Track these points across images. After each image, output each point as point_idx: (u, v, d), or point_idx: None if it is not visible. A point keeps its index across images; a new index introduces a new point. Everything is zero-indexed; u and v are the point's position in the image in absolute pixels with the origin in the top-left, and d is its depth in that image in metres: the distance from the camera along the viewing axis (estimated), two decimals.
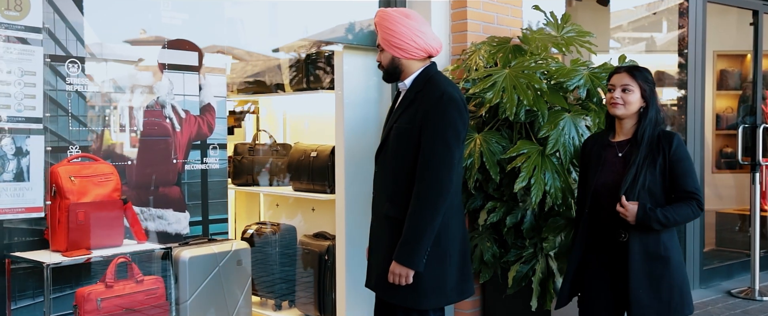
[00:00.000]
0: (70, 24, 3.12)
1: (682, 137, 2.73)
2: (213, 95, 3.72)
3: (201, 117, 3.67)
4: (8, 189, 2.34)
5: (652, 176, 2.66)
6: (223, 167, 3.76)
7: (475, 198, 3.19)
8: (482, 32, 3.61)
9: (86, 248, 2.86)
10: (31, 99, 2.43)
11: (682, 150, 2.69)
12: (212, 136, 3.71)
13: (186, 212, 3.59)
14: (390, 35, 2.66)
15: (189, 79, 3.60)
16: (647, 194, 2.65)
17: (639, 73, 2.73)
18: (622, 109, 2.70)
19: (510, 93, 2.83)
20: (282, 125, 5.03)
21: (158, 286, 2.89)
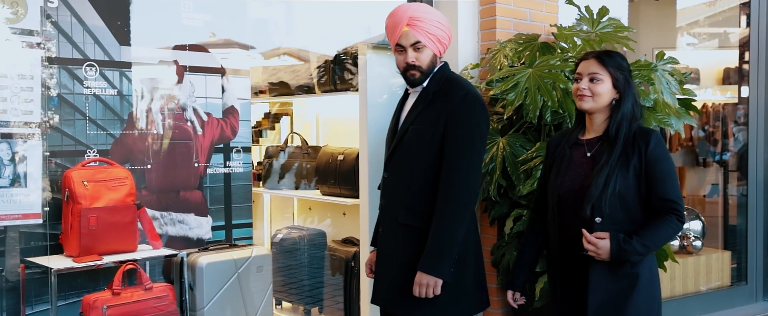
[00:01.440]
0: (87, 27, 3.09)
1: (660, 135, 2.36)
2: (237, 98, 3.65)
3: (224, 120, 3.61)
4: (5, 195, 2.30)
5: (625, 179, 2.28)
6: (247, 171, 3.69)
7: (501, 205, 3.00)
8: (513, 29, 3.42)
9: (98, 253, 2.82)
10: (29, 103, 2.39)
11: (661, 150, 2.31)
12: (236, 140, 3.64)
13: (208, 217, 3.53)
14: (440, 29, 2.49)
15: (211, 82, 3.54)
16: (618, 201, 2.28)
17: (610, 60, 2.34)
18: (590, 103, 2.34)
19: (533, 94, 2.64)
20: (315, 127, 4.95)
21: (168, 293, 2.82)
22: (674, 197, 2.29)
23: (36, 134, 2.41)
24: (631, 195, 2.30)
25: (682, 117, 2.97)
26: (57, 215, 2.93)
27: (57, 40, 2.99)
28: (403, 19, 2.47)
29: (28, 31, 2.82)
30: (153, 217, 3.30)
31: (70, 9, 3.04)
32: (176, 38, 3.43)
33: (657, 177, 2.29)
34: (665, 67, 2.92)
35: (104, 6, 3.14)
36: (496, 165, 2.83)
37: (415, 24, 2.46)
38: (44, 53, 2.90)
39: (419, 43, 2.47)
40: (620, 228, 2.28)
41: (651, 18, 6.97)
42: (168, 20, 3.39)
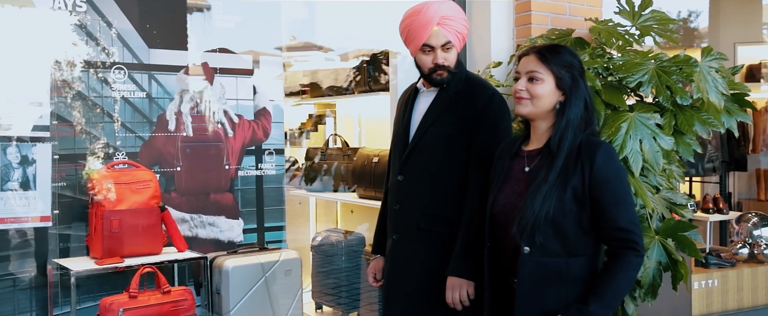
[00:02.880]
0: (117, 30, 3.11)
1: (611, 148, 1.94)
2: (269, 99, 3.61)
3: (255, 122, 3.58)
4: (14, 198, 2.33)
5: (560, 203, 1.89)
6: (279, 173, 3.65)
7: None
8: (550, 25, 3.25)
9: (121, 255, 2.83)
10: (38, 107, 2.40)
11: (610, 167, 1.89)
12: (268, 142, 3.61)
13: (239, 219, 3.50)
14: (466, 28, 2.40)
15: (242, 84, 3.51)
16: (551, 228, 1.89)
17: (553, 55, 1.96)
18: (528, 106, 1.98)
19: None
20: (357, 129, 4.88)
21: (186, 297, 2.80)
22: (627, 225, 1.88)
23: (46, 138, 2.43)
24: (569, 222, 1.90)
25: (735, 114, 2.74)
26: (83, 216, 2.96)
27: (85, 43, 3.02)
28: (434, 19, 2.34)
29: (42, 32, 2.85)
30: (183, 219, 3.30)
31: (98, 12, 3.07)
32: (210, 41, 3.42)
33: (605, 201, 1.89)
34: (711, 63, 2.69)
35: (132, 8, 3.15)
36: None
37: (446, 23, 2.35)
38: (66, 56, 2.94)
39: (449, 43, 2.37)
40: (554, 262, 1.92)
41: (733, 12, 6.59)
42: (199, 22, 3.38)
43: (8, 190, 2.30)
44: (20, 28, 2.81)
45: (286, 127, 5.64)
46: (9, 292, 2.82)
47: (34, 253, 2.85)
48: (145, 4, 3.19)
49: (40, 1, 2.89)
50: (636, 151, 2.43)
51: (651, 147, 2.45)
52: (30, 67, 2.81)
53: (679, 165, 2.89)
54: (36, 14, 2.86)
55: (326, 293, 4.35)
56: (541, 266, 1.93)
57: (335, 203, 4.90)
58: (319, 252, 4.36)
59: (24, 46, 2.82)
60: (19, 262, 2.81)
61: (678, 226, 2.63)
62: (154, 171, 3.18)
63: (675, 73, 2.54)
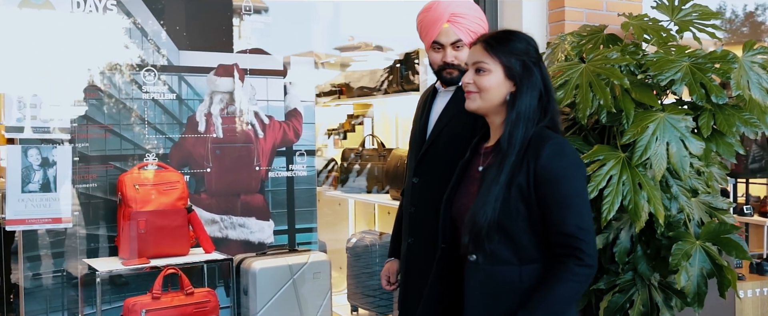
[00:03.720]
0: (146, 33, 3.14)
1: (563, 142, 1.74)
2: (300, 100, 3.59)
3: (286, 123, 3.56)
4: (34, 200, 2.36)
5: (506, 204, 1.70)
6: (311, 175, 3.62)
7: None
8: (586, 21, 3.12)
9: (148, 256, 2.85)
10: (56, 108, 2.44)
11: (558, 164, 1.69)
12: (299, 143, 3.59)
13: (270, 221, 3.49)
14: (481, 26, 2.29)
15: (273, 84, 3.50)
16: (500, 234, 1.71)
17: (500, 44, 1.78)
18: (476, 101, 1.82)
19: (584, 91, 2.36)
20: (395, 129, 4.82)
21: (209, 299, 2.80)
22: (572, 230, 1.66)
23: (66, 140, 2.47)
24: (518, 227, 1.71)
25: None
26: (114, 217, 3.00)
27: (116, 45, 3.06)
28: (443, 15, 2.27)
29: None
30: (213, 220, 3.31)
31: (128, 13, 3.10)
32: (239, 42, 3.42)
33: (549, 202, 1.68)
34: (754, 58, 2.53)
35: (162, 10, 3.18)
36: None
37: (456, 21, 2.26)
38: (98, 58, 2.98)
39: (460, 41, 2.27)
40: (506, 271, 1.74)
41: None
42: (228, 22, 3.39)
43: (29, 191, 2.34)
44: (54, 30, 2.86)
45: (325, 127, 5.65)
46: (40, 291, 2.87)
47: (63, 253, 2.90)
48: (179, 6, 3.22)
49: (72, 3, 2.94)
50: (661, 154, 2.29)
51: (678, 151, 2.31)
52: (60, 69, 2.86)
53: (721, 167, 2.73)
54: (67, 17, 2.91)
55: (362, 296, 4.31)
56: (491, 276, 1.75)
57: (373, 204, 4.86)
58: (353, 254, 4.32)
59: (56, 49, 2.87)
60: (49, 262, 2.86)
61: (720, 229, 2.47)
62: (184, 172, 3.20)
63: (710, 70, 2.39)
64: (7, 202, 2.32)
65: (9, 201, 2.32)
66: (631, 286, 2.66)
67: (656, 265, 2.58)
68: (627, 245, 2.58)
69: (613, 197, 2.31)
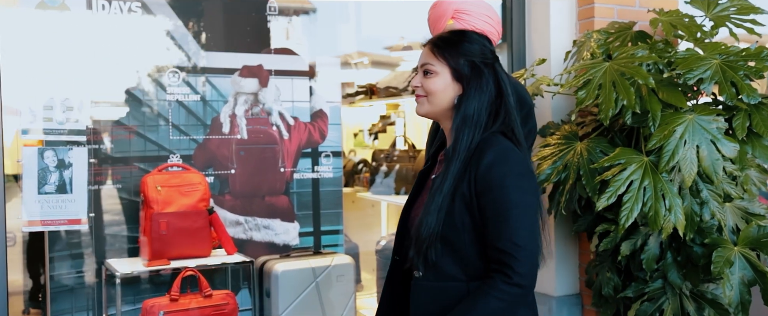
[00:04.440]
0: (170, 34, 3.15)
1: (508, 148, 1.62)
2: (325, 101, 3.56)
3: (312, 124, 3.53)
4: (50, 201, 2.38)
5: (450, 215, 1.60)
6: (337, 176, 3.58)
7: (584, 219, 2.62)
8: (616, 17, 3.00)
9: (169, 258, 2.85)
10: (73, 111, 2.45)
11: (499, 172, 1.57)
12: (325, 144, 3.55)
13: (295, 223, 3.46)
14: (489, 24, 2.23)
15: (298, 85, 3.48)
16: (446, 248, 1.61)
17: (448, 45, 1.68)
18: (424, 105, 1.72)
19: (607, 91, 2.25)
20: (427, 130, 4.73)
21: (228, 301, 2.78)
22: (506, 245, 1.53)
23: (82, 142, 2.48)
24: (463, 239, 1.60)
25: None
26: (137, 218, 3.01)
27: (141, 46, 3.07)
28: (447, 12, 2.24)
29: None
30: (237, 222, 3.30)
31: (152, 15, 3.10)
32: (263, 42, 3.41)
33: (488, 213, 1.57)
34: None
35: (187, 11, 3.18)
36: (570, 173, 2.46)
37: (460, 17, 2.22)
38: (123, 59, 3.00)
39: None
40: (453, 288, 1.63)
41: None
42: (253, 24, 3.37)
43: (45, 193, 2.36)
44: (81, 32, 2.89)
45: (357, 128, 5.61)
46: (65, 290, 2.90)
47: (88, 253, 2.92)
48: (203, 7, 3.21)
49: (96, 5, 2.96)
50: (691, 158, 2.17)
51: (710, 154, 2.18)
52: (83, 72, 2.88)
53: (760, 170, 2.59)
54: (89, 19, 2.93)
55: None
56: (437, 293, 1.64)
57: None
58: (383, 257, 4.27)
59: (81, 50, 2.89)
60: (74, 262, 2.88)
61: (761, 233, 2.34)
62: (209, 174, 3.20)
63: (743, 68, 2.26)
64: (24, 203, 2.34)
65: (26, 203, 2.34)
66: (661, 294, 2.55)
67: (687, 273, 2.46)
68: (656, 252, 2.47)
69: (633, 203, 2.20)
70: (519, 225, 1.55)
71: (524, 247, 1.54)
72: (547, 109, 3.01)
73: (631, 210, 2.20)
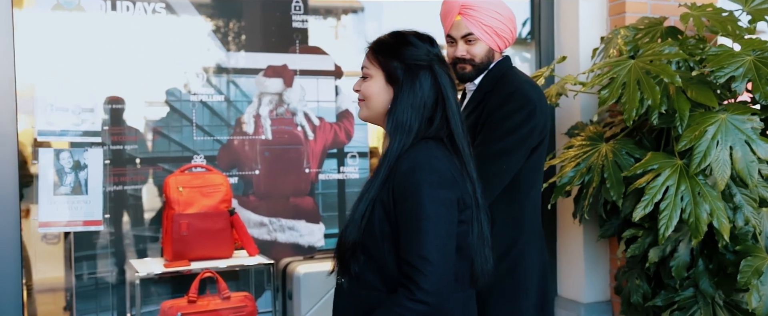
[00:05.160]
0: (195, 35, 3.14)
1: (426, 155, 1.53)
2: (352, 100, 3.51)
3: (337, 124, 3.49)
4: (67, 202, 2.39)
5: (370, 223, 1.54)
6: (363, 177, 3.53)
7: (610, 224, 2.50)
8: (650, 13, 2.86)
9: (190, 259, 2.84)
10: (89, 113, 2.46)
11: (416, 180, 1.49)
12: (351, 144, 3.51)
13: (320, 224, 3.43)
14: (498, 21, 2.16)
15: (324, 85, 3.44)
16: (365, 256, 1.56)
17: (383, 49, 1.61)
18: (363, 110, 1.69)
19: (631, 90, 2.13)
20: None
21: (246, 304, 2.76)
22: (413, 259, 1.46)
23: (97, 143, 2.49)
24: (382, 248, 1.53)
25: None
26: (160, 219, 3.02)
27: (165, 46, 3.07)
28: (454, 7, 2.17)
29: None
30: (261, 223, 3.28)
31: (176, 15, 3.10)
32: (288, 42, 3.38)
33: (400, 222, 1.50)
34: None
35: (211, 11, 3.17)
36: (594, 176, 2.35)
37: (467, 13, 2.15)
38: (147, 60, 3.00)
39: (471, 35, 2.16)
40: (371, 297, 1.57)
41: None
42: (278, 23, 3.34)
43: (61, 194, 2.38)
44: (105, 33, 2.90)
45: None
46: (90, 290, 2.93)
47: (113, 254, 2.94)
48: (228, 7, 3.20)
49: (121, 5, 2.97)
50: (723, 160, 2.04)
51: (744, 155, 2.05)
52: (106, 72, 2.90)
53: None
54: (114, 18, 2.93)
55: None
56: (356, 301, 1.59)
57: None
58: None
59: (104, 51, 2.91)
60: (98, 262, 2.91)
61: None
62: (233, 174, 3.18)
63: None
64: (40, 204, 2.36)
65: (41, 204, 2.36)
66: (692, 303, 2.42)
67: (720, 282, 2.33)
68: (686, 259, 2.35)
69: (671, 210, 2.08)
70: (428, 238, 1.47)
71: (432, 262, 1.46)
72: (576, 109, 2.90)
73: (670, 218, 2.08)
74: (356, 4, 3.60)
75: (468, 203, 1.58)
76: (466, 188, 1.58)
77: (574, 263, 2.99)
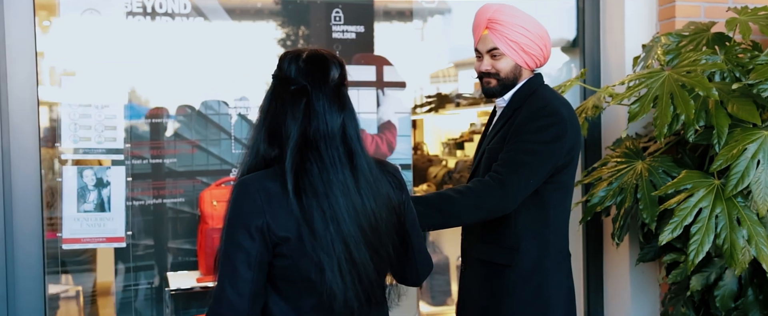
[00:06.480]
0: (231, 43, 3.14)
1: (239, 185, 1.51)
2: (394, 111, 3.43)
3: (379, 136, 3.41)
4: (89, 219, 2.43)
5: None
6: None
7: (650, 247, 2.31)
8: (703, 17, 2.63)
9: None
10: (112, 130, 2.49)
11: (226, 211, 1.52)
12: (393, 156, 3.42)
13: None
14: (525, 37, 2.10)
15: (364, 96, 3.37)
16: None
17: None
18: None
19: (663, 104, 1.94)
20: None
21: None
22: (214, 290, 1.51)
23: (120, 160, 2.52)
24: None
25: None
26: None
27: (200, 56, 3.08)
28: (481, 22, 2.12)
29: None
30: None
31: (203, 16, 3.10)
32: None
33: None
34: None
35: (249, 23, 3.17)
36: (627, 197, 2.16)
37: (494, 27, 2.09)
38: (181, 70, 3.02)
39: (497, 49, 2.10)
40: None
41: None
42: (317, 34, 3.30)
43: (84, 211, 2.42)
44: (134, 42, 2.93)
45: (446, 137, 5.43)
46: (129, 303, 2.98)
47: (151, 266, 2.98)
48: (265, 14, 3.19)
49: (161, 19, 3.00)
50: (765, 182, 1.83)
51: None
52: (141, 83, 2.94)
53: None
54: (145, 26, 2.95)
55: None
56: None
57: None
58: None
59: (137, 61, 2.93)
60: (137, 274, 2.95)
61: None
62: None
63: None
64: (64, 221, 2.42)
65: (66, 220, 2.41)
66: None
67: None
68: (733, 288, 2.14)
69: (703, 235, 1.90)
70: (223, 272, 1.48)
71: (215, 297, 1.49)
72: (622, 122, 2.71)
73: (702, 243, 1.89)
74: (406, 10, 3.53)
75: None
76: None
77: (620, 287, 2.81)
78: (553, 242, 2.09)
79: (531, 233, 2.07)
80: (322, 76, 1.54)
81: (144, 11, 2.94)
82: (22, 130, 2.37)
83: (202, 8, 3.07)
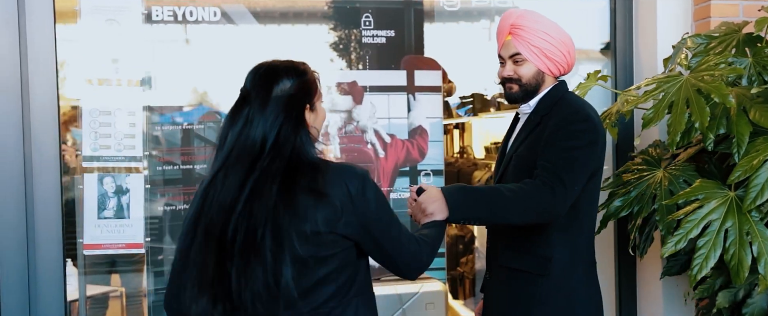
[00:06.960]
0: (256, 48, 3.16)
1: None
2: (425, 116, 3.38)
3: (410, 141, 3.37)
4: (109, 225, 2.49)
5: None
6: None
7: (677, 260, 2.18)
8: (742, 16, 2.48)
9: None
10: (131, 138, 2.53)
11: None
12: (425, 162, 3.38)
13: None
14: (548, 42, 2.08)
15: (395, 101, 3.34)
16: None
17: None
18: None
19: (678, 110, 1.82)
20: None
21: None
22: None
23: (139, 168, 2.57)
24: None
25: None
26: None
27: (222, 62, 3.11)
28: (505, 28, 2.12)
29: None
30: None
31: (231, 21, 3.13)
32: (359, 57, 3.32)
33: None
34: None
35: (276, 28, 3.18)
36: (643, 207, 2.05)
37: (516, 33, 2.08)
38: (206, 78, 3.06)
39: (519, 55, 2.08)
40: None
41: None
42: (347, 39, 3.29)
43: (104, 218, 2.49)
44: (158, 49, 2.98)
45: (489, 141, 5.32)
46: (159, 306, 3.03)
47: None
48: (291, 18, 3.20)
49: (189, 28, 3.05)
50: None
51: None
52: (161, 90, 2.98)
53: None
54: (166, 32, 2.99)
55: None
56: None
57: None
58: None
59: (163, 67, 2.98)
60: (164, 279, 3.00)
61: None
62: None
63: None
64: (85, 227, 2.48)
65: (86, 227, 2.48)
66: None
67: None
68: (763, 306, 2.01)
69: (709, 250, 1.79)
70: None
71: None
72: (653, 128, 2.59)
73: (706, 258, 1.78)
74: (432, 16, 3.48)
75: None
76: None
77: (653, 300, 2.67)
78: (583, 250, 2.07)
79: (564, 241, 2.04)
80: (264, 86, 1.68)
81: (175, 18, 3.00)
82: (42, 138, 2.44)
83: (231, 15, 3.11)
